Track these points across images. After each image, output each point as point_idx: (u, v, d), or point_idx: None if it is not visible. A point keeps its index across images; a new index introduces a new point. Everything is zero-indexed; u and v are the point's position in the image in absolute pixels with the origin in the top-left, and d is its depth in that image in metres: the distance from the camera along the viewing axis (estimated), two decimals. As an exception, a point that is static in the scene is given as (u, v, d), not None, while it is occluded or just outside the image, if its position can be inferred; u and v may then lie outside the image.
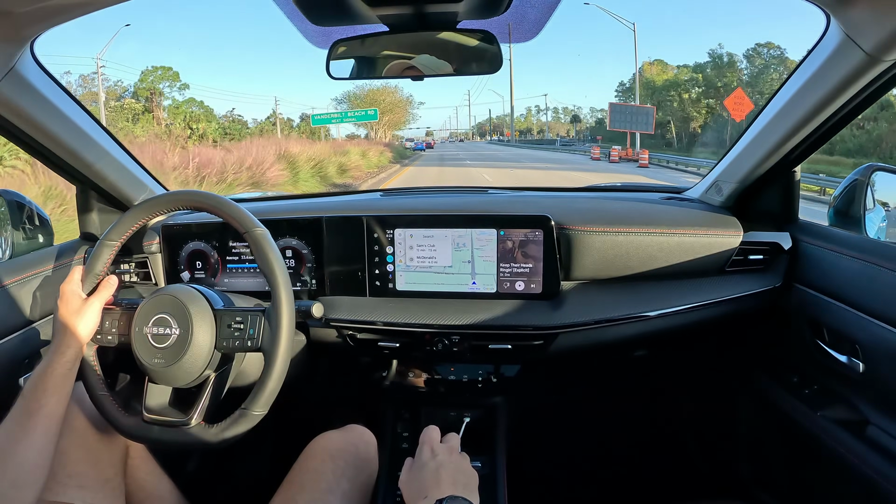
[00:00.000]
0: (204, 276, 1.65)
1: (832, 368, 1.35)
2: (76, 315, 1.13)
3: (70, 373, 1.08)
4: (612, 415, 2.16)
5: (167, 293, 1.18)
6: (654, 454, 2.11)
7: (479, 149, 64.70)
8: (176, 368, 1.13)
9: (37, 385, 1.03)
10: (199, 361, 1.14)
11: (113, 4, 1.06)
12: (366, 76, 1.41)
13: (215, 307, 1.19)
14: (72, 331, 1.11)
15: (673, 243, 1.53)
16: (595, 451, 2.13)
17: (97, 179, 1.60)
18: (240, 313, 1.17)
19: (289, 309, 1.13)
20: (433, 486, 0.97)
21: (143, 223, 1.28)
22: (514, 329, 1.50)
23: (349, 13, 1.18)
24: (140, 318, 1.17)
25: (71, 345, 1.09)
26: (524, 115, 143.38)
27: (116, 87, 37.32)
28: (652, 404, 2.15)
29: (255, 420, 1.11)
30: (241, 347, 1.15)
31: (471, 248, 1.53)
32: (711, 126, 43.83)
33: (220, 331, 1.16)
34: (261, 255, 1.15)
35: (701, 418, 2.04)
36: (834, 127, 1.32)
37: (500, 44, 1.30)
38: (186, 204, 1.26)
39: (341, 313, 1.55)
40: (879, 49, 1.04)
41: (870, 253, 1.27)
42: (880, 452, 1.18)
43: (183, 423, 1.13)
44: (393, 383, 1.71)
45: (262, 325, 1.14)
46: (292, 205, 1.85)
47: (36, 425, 1.00)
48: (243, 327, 1.15)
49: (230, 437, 1.11)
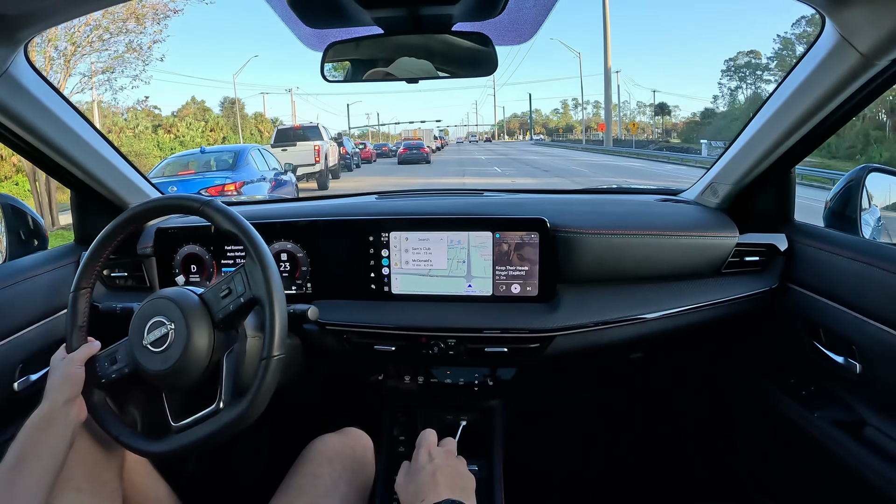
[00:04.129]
0: (199, 279, 1.65)
1: (829, 369, 1.35)
2: (61, 387, 1.09)
3: (61, 442, 1.05)
4: (609, 417, 2.16)
5: (154, 298, 1.17)
6: (652, 456, 2.11)
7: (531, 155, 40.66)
8: (184, 363, 1.11)
9: (36, 425, 1.03)
10: (204, 346, 1.12)
11: (106, 7, 1.06)
12: (360, 79, 1.40)
13: (198, 293, 1.17)
14: (59, 403, 1.07)
15: (669, 245, 1.53)
16: (592, 454, 2.13)
17: (92, 183, 1.60)
18: (222, 282, 1.15)
19: (266, 253, 1.11)
20: (430, 490, 0.96)
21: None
22: (510, 332, 1.50)
23: (344, 16, 1.18)
24: (135, 332, 1.15)
25: (58, 416, 1.06)
26: (559, 109, 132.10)
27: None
28: (649, 406, 2.14)
29: (281, 362, 1.08)
30: (235, 309, 1.13)
31: (466, 251, 1.53)
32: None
33: (212, 309, 1.14)
34: (223, 222, 1.15)
35: (698, 420, 2.04)
36: (829, 129, 1.32)
37: (496, 46, 1.29)
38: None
39: (337, 317, 1.55)
40: (875, 51, 1.04)
41: (866, 254, 1.27)
42: (878, 453, 1.18)
43: (214, 412, 1.11)
44: (389, 386, 1.70)
45: (246, 278, 1.12)
46: (287, 208, 1.85)
47: (33, 469, 0.99)
48: (231, 289, 1.14)
49: (265, 394, 1.08)
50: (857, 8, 1.00)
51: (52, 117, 1.38)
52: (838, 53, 1.11)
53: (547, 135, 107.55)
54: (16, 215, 1.64)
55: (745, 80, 50.77)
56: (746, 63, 50.31)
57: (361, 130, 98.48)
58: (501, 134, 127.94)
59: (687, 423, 2.09)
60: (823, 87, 1.19)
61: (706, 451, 2.01)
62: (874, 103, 1.30)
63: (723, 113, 51.16)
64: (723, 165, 1.62)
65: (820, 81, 1.19)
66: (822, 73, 1.18)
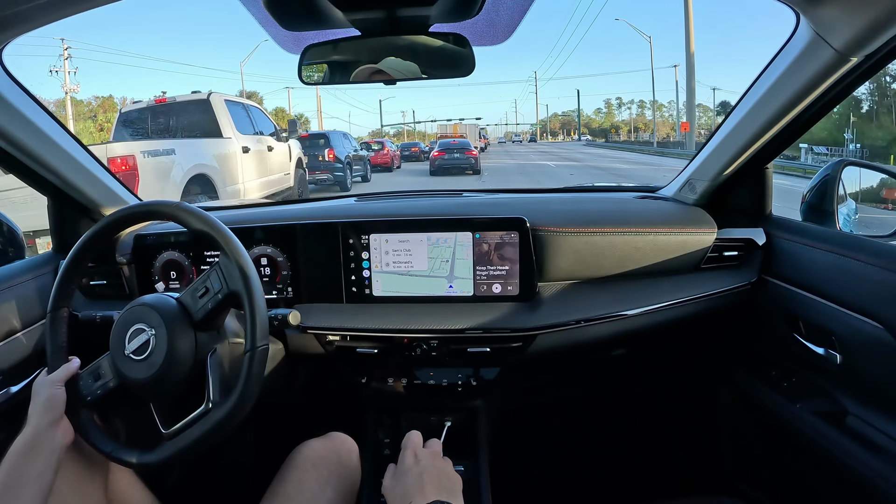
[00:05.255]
0: (179, 285, 1.63)
1: (810, 361, 1.37)
2: (43, 410, 1.07)
3: (47, 469, 1.03)
4: (593, 414, 2.16)
5: (133, 305, 1.16)
6: (637, 452, 2.12)
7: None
8: (168, 368, 1.09)
9: (11, 483, 1.00)
10: (186, 349, 1.11)
11: (81, 11, 1.05)
12: (338, 81, 1.40)
13: (175, 297, 1.16)
14: (43, 427, 1.05)
15: (648, 242, 1.54)
16: (578, 451, 2.14)
17: (68, 189, 1.58)
18: (198, 281, 1.15)
19: (238, 246, 1.11)
20: (417, 492, 0.96)
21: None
22: (493, 332, 1.50)
23: (320, 18, 1.17)
24: (116, 342, 1.13)
25: (42, 441, 1.04)
26: (603, 109, 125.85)
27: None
28: (632, 402, 2.15)
29: (266, 353, 1.08)
30: (214, 306, 1.12)
31: (447, 252, 1.53)
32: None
33: (190, 310, 1.13)
34: (193, 222, 1.15)
35: (682, 414, 2.06)
36: (805, 124, 1.34)
37: (473, 47, 1.30)
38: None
39: (318, 321, 1.54)
40: (849, 47, 1.06)
41: (843, 246, 1.28)
42: (859, 441, 1.20)
43: (203, 412, 1.09)
44: (373, 389, 1.70)
45: (222, 274, 1.12)
46: (266, 212, 1.84)
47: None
48: (208, 287, 1.13)
49: (255, 383, 1.07)
50: (831, 5, 1.02)
51: (27, 123, 1.36)
52: (813, 50, 1.12)
53: (591, 135, 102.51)
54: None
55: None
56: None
57: (396, 129, 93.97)
58: (544, 134, 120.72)
59: (670, 418, 2.10)
60: (799, 83, 1.21)
61: (690, 445, 2.03)
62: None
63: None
64: (700, 162, 1.64)
65: (795, 77, 1.21)
66: (797, 70, 1.20)
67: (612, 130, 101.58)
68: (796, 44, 1.17)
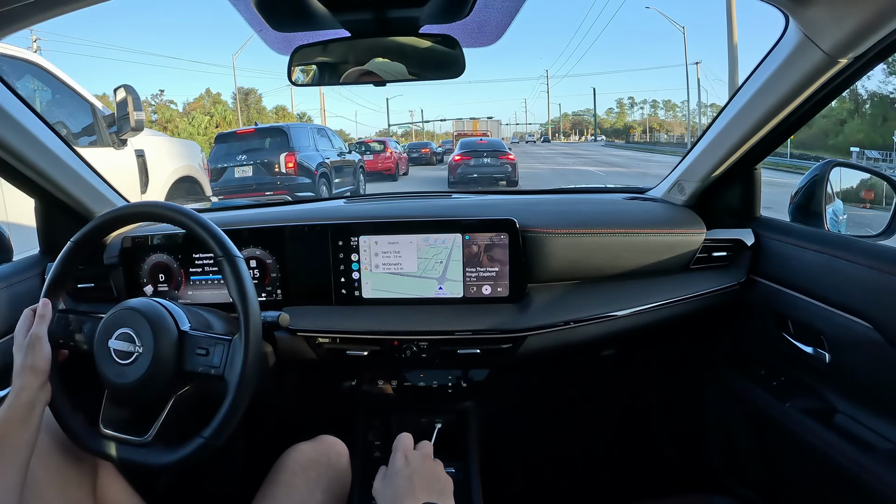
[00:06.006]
0: (167, 289, 1.62)
1: (798, 360, 1.38)
2: (22, 352, 1.08)
3: (30, 415, 1.03)
4: (583, 414, 2.17)
5: (132, 307, 1.14)
6: (628, 451, 2.12)
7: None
8: (136, 387, 1.09)
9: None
10: (161, 382, 1.11)
11: (70, 11, 1.04)
12: (327, 82, 1.40)
13: (181, 327, 1.15)
14: (23, 370, 1.06)
15: (637, 243, 1.54)
16: (568, 451, 2.14)
17: (55, 191, 1.56)
18: (205, 340, 1.13)
19: (255, 342, 1.10)
20: (408, 494, 0.96)
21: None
22: (483, 333, 1.50)
23: (310, 19, 1.17)
24: (103, 331, 1.13)
25: (25, 386, 1.05)
26: (615, 109, 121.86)
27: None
28: (623, 402, 2.16)
29: (209, 449, 1.07)
30: (204, 374, 1.12)
31: (437, 253, 1.52)
32: None
33: (184, 354, 1.13)
34: (235, 282, 1.13)
35: (672, 414, 2.07)
36: (793, 125, 1.35)
37: (462, 48, 1.30)
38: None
39: (308, 323, 1.54)
40: (837, 48, 1.07)
41: (831, 245, 1.29)
42: (848, 439, 1.21)
43: (139, 443, 1.10)
44: (363, 392, 1.69)
45: (227, 355, 1.11)
46: (255, 214, 1.83)
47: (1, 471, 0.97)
48: (208, 355, 1.12)
49: (185, 461, 1.08)
50: (819, 7, 1.02)
51: (13, 124, 1.34)
52: (802, 51, 1.13)
53: (604, 136, 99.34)
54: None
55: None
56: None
57: (404, 128, 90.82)
58: (556, 134, 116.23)
59: (660, 417, 2.11)
60: (788, 85, 1.22)
61: (680, 444, 2.03)
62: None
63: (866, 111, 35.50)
64: (689, 163, 1.65)
65: (784, 79, 1.22)
66: (786, 71, 1.21)
67: (631, 130, 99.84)
68: (785, 45, 1.18)
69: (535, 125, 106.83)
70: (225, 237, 1.15)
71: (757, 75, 1.31)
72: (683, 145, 39.28)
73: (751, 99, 1.34)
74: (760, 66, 1.29)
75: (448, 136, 62.40)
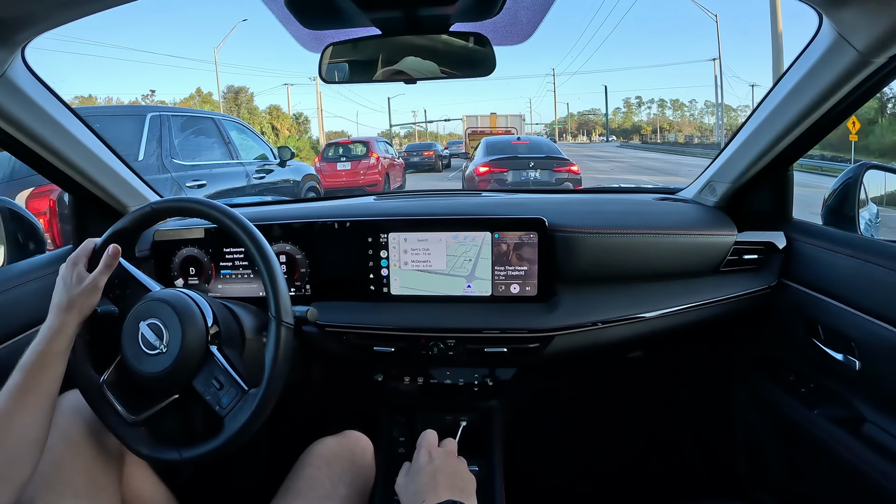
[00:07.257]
0: (197, 282, 1.64)
1: (828, 366, 1.36)
2: (76, 290, 1.10)
3: (66, 350, 1.07)
4: (608, 416, 2.16)
5: (165, 299, 1.16)
6: (652, 455, 2.11)
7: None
8: (149, 377, 1.11)
9: (34, 362, 1.02)
10: (170, 384, 1.12)
11: (105, 9, 1.06)
12: (358, 80, 1.40)
13: (210, 333, 1.16)
14: (70, 307, 1.09)
15: (667, 244, 1.53)
16: (592, 453, 2.13)
17: (90, 186, 1.59)
18: (224, 374, 1.12)
19: (266, 406, 1.09)
20: (430, 491, 0.96)
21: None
22: (510, 332, 1.50)
23: (341, 17, 1.18)
24: (136, 314, 1.15)
25: (68, 322, 1.07)
26: (622, 109, 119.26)
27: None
28: (648, 405, 2.15)
29: (179, 467, 1.10)
30: (209, 402, 1.11)
31: (466, 251, 1.53)
32: None
33: (202, 372, 1.13)
34: (273, 346, 1.14)
35: (698, 418, 2.05)
36: (826, 126, 1.33)
37: (493, 46, 1.30)
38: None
39: (336, 318, 1.55)
40: (872, 48, 1.05)
41: (864, 251, 1.27)
42: (877, 450, 1.18)
43: (125, 418, 1.12)
44: (388, 388, 1.70)
45: (236, 404, 1.09)
46: (286, 210, 1.85)
47: (32, 403, 1.00)
48: (222, 388, 1.11)
49: (151, 462, 1.12)
50: (854, 6, 1.01)
51: (49, 121, 1.37)
52: (835, 51, 1.11)
53: (613, 136, 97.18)
54: (13, 219, 1.64)
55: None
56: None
57: (406, 129, 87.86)
58: (563, 135, 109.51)
59: (686, 421, 2.09)
60: (821, 85, 1.20)
61: (706, 449, 2.01)
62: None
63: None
64: (721, 164, 1.63)
65: (817, 79, 1.20)
66: (819, 71, 1.19)
67: (645, 130, 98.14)
68: (819, 45, 1.16)
69: (540, 125, 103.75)
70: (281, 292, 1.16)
71: (790, 75, 1.29)
72: (711, 146, 38.34)
73: (783, 99, 1.32)
74: (793, 66, 1.27)
75: (454, 136, 60.64)
